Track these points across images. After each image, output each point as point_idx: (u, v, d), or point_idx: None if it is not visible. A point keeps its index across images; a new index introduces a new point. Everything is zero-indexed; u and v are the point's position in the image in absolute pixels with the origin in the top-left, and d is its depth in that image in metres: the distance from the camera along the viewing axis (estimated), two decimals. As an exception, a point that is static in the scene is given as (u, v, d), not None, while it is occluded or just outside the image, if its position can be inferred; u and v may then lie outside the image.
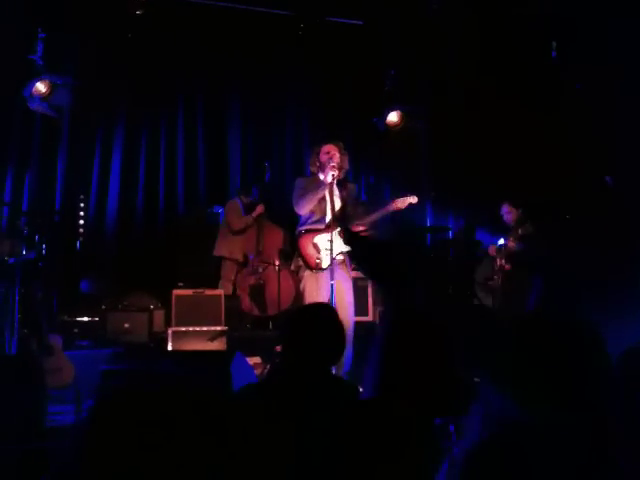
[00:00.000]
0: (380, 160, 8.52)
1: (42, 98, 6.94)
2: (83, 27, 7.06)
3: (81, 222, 7.45)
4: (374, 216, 5.34)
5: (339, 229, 5.21)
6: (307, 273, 5.27)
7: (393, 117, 7.93)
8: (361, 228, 5.22)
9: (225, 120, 8.62)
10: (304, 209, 5.33)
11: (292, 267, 5.61)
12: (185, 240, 7.67)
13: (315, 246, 5.26)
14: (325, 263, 5.21)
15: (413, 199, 5.39)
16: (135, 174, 8.22)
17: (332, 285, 5.13)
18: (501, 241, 6.55)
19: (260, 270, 7.17)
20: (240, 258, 7.31)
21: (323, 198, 5.30)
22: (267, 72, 8.05)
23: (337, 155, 5.34)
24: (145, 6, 6.92)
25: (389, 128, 8.01)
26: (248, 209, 7.32)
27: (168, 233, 8.04)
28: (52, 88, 6.94)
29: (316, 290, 5.17)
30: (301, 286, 5.40)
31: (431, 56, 7.64)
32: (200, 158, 8.51)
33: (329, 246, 5.14)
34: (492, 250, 6.69)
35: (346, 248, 5.15)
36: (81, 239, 7.45)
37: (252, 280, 7.20)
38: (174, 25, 7.29)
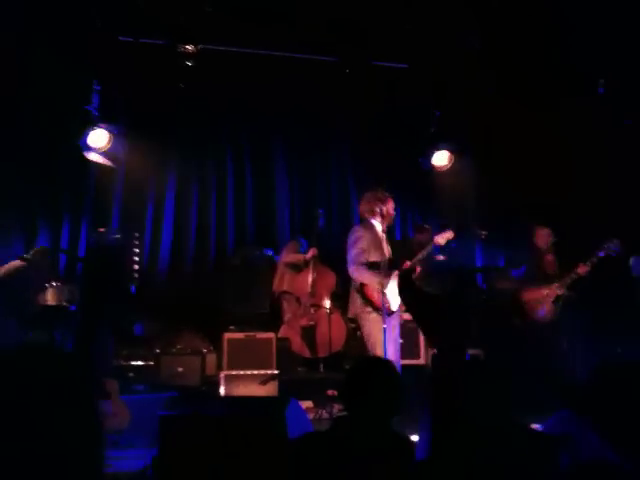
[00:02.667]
0: (428, 199, 8.53)
1: (97, 147, 7.17)
2: (137, 78, 7.29)
3: (135, 267, 7.59)
4: (419, 256, 5.52)
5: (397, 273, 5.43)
6: (374, 316, 5.30)
7: (440, 157, 7.94)
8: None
9: (273, 165, 8.81)
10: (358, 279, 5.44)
11: (350, 314, 5.62)
12: (236, 282, 7.73)
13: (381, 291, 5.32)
14: (394, 306, 5.37)
15: (449, 234, 5.52)
16: (187, 219, 8.41)
17: (396, 326, 5.35)
18: None
19: (312, 311, 7.21)
20: (294, 293, 7.39)
21: (380, 248, 5.45)
22: (313, 117, 8.19)
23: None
24: (195, 57, 7.12)
25: (435, 167, 8.04)
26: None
27: (219, 276, 8.14)
28: (107, 138, 7.17)
29: (381, 332, 5.20)
30: (366, 329, 5.41)
31: (474, 93, 7.65)
32: (249, 203, 8.67)
33: (395, 290, 5.39)
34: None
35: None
36: (136, 283, 7.58)
37: (304, 321, 7.24)
38: (223, 74, 7.47)
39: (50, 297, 6.42)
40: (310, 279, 7.33)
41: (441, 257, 6.85)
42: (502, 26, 6.92)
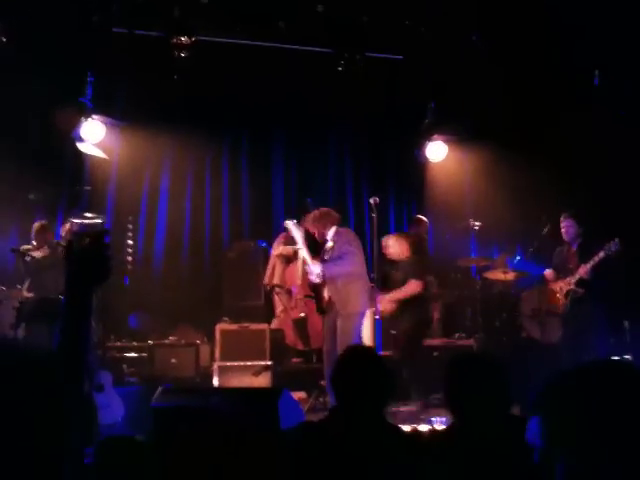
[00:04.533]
0: (423, 191, 8.55)
1: (91, 139, 7.14)
2: (131, 69, 7.25)
3: (129, 258, 7.57)
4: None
5: None
6: None
7: (435, 148, 7.94)
8: None
9: (268, 156, 8.80)
10: None
11: None
12: (230, 274, 7.72)
13: None
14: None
15: None
16: (181, 211, 8.40)
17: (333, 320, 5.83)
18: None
19: (303, 303, 7.20)
20: (284, 286, 7.39)
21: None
22: (309, 109, 8.16)
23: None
24: (190, 49, 7.08)
25: (430, 159, 8.04)
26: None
27: (214, 267, 8.15)
28: (101, 129, 7.15)
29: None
30: None
31: (472, 86, 7.65)
32: (244, 193, 8.66)
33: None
34: (550, 276, 6.26)
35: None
36: (128, 275, 7.57)
37: (295, 313, 7.23)
38: (218, 66, 7.44)
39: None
40: (300, 270, 7.26)
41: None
42: (502, 20, 6.91)
